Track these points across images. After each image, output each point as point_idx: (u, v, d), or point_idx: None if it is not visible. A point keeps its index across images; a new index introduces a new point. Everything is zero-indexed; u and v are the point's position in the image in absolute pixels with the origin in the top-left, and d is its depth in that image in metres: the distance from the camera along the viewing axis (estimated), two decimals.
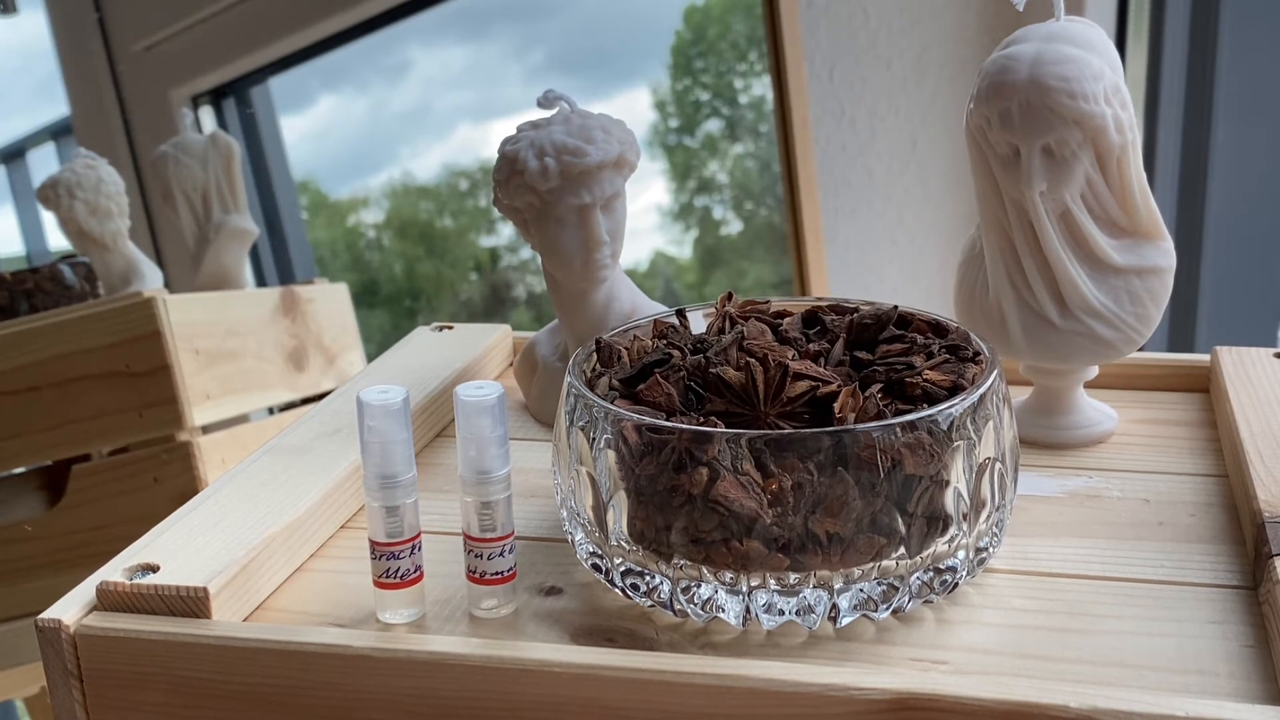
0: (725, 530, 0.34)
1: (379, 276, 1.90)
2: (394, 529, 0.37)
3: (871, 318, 0.41)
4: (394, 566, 0.37)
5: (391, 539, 0.37)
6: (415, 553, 0.37)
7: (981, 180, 0.48)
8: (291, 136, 1.52)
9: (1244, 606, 0.37)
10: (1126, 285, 0.47)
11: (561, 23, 1.59)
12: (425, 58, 1.60)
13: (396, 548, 0.37)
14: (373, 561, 0.37)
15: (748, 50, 1.50)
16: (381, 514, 0.36)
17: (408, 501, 0.37)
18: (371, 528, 0.37)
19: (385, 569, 0.37)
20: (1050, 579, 0.39)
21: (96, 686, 0.37)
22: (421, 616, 0.38)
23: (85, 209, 1.01)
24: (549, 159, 0.50)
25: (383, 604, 0.38)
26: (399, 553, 0.37)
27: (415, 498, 0.37)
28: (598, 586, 0.40)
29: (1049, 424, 0.50)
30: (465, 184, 1.78)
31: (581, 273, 0.52)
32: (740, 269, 1.61)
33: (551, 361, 0.56)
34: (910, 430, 0.34)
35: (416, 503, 0.37)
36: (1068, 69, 0.44)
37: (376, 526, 0.37)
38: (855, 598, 0.35)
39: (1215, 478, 0.46)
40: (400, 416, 0.36)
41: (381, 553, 0.37)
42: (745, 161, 1.59)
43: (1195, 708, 0.29)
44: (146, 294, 0.83)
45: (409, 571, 0.37)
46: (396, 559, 0.37)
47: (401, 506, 0.37)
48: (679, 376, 0.38)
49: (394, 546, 0.37)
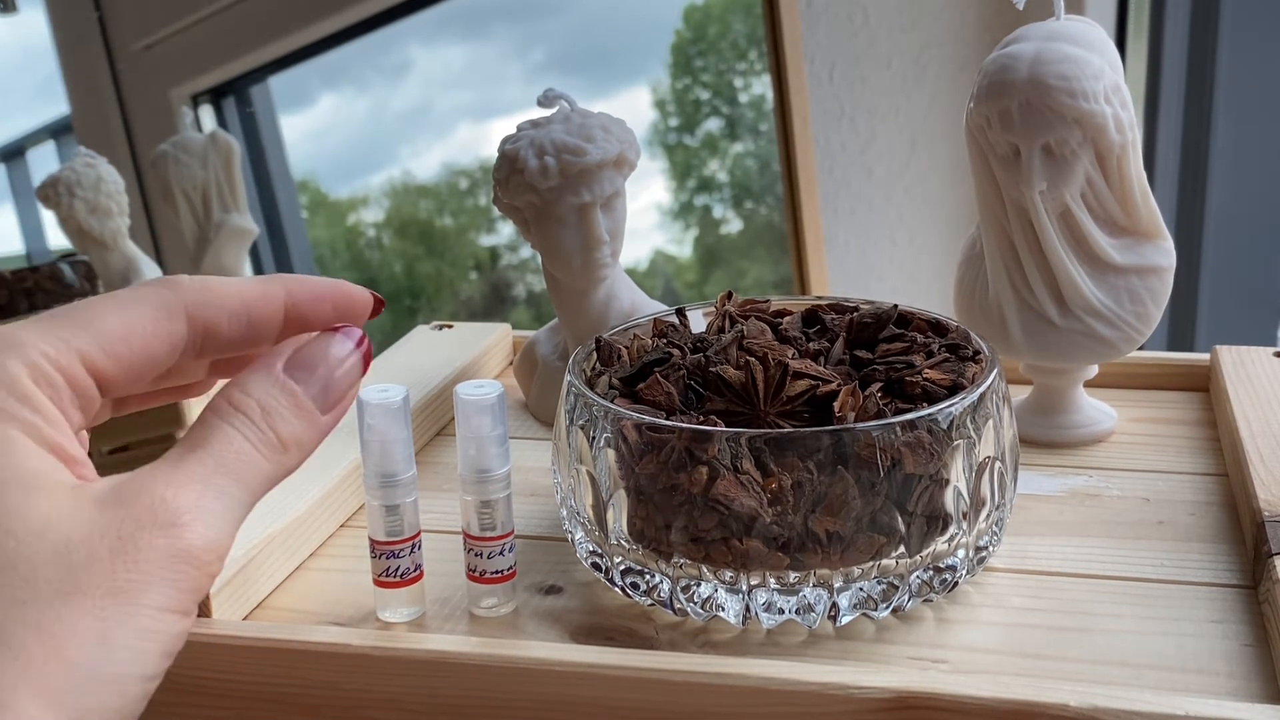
0: (725, 529, 0.34)
1: (379, 275, 1.90)
2: (394, 528, 0.37)
3: (871, 317, 0.41)
4: (394, 565, 0.37)
5: (391, 538, 0.37)
6: (415, 551, 0.37)
7: (981, 180, 0.48)
8: (291, 136, 1.52)
9: (1244, 606, 0.37)
10: (1126, 284, 0.47)
11: (561, 22, 1.59)
12: (425, 57, 1.60)
13: (396, 546, 0.37)
14: (373, 560, 0.37)
15: (748, 50, 1.50)
16: (381, 513, 0.36)
17: (407, 500, 0.37)
18: (371, 526, 0.37)
19: (385, 568, 0.37)
20: (1050, 578, 0.39)
21: None
22: (421, 615, 0.38)
23: (85, 207, 1.01)
24: (549, 158, 0.50)
25: (383, 602, 0.38)
26: (399, 551, 0.37)
27: (415, 496, 0.37)
28: (597, 585, 0.40)
29: (1049, 423, 0.50)
30: (465, 183, 1.78)
31: (581, 272, 0.52)
32: (740, 268, 1.61)
33: (551, 360, 0.56)
34: (910, 429, 0.34)
35: (416, 501, 0.37)
36: (1068, 68, 0.44)
37: (376, 525, 0.37)
38: (855, 596, 0.35)
39: (1215, 477, 0.46)
40: (400, 415, 0.36)
41: (381, 551, 0.37)
42: (745, 161, 1.59)
43: (1195, 707, 0.29)
44: None
45: (409, 570, 0.37)
46: (396, 558, 0.37)
47: (401, 505, 0.37)
48: (679, 375, 0.38)
49: (394, 545, 0.37)
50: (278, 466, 0.31)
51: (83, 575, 0.26)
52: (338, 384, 0.32)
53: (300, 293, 0.33)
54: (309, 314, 0.33)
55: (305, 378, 0.32)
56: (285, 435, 0.31)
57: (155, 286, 0.31)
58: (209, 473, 0.29)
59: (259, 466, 0.30)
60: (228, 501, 0.29)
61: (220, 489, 0.29)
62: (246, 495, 0.30)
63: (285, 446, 0.31)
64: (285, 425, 0.31)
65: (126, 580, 0.27)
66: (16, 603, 0.26)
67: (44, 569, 0.26)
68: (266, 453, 0.30)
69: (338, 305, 0.33)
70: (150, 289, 0.31)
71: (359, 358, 0.33)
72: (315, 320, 0.33)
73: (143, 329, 0.30)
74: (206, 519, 0.28)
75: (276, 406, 0.31)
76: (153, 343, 0.31)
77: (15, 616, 0.25)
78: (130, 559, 0.27)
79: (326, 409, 0.32)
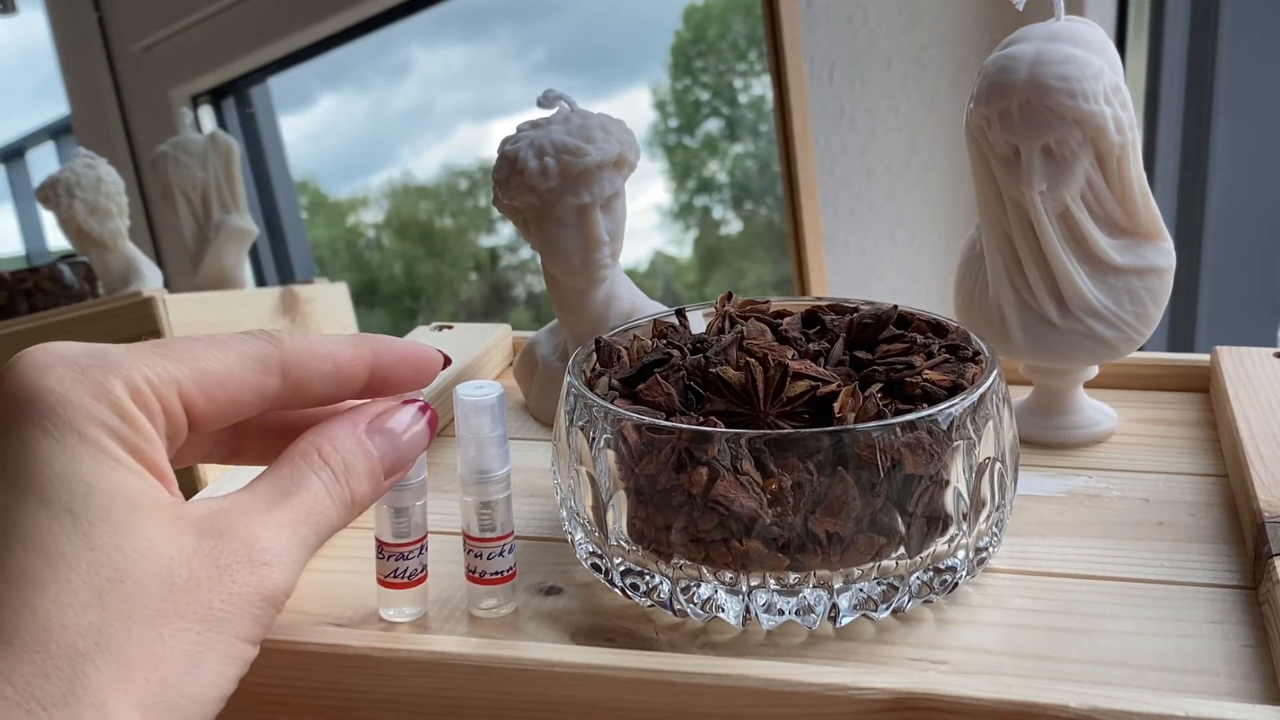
0: (725, 530, 0.34)
1: (379, 276, 1.90)
2: (401, 530, 0.37)
3: (871, 317, 0.41)
4: (402, 567, 0.37)
5: (400, 539, 0.37)
6: (423, 553, 0.37)
7: (981, 180, 0.48)
8: (291, 136, 1.52)
9: (1244, 606, 0.37)
10: (1126, 285, 0.47)
11: (562, 22, 1.59)
12: (426, 57, 1.60)
13: (406, 548, 0.37)
14: (379, 561, 0.37)
15: (747, 50, 1.50)
16: (390, 515, 0.37)
17: (417, 504, 0.37)
18: (379, 528, 0.37)
19: (393, 569, 0.37)
20: (1050, 579, 0.39)
21: None
22: (424, 615, 0.38)
23: (85, 208, 1.01)
24: (549, 159, 0.50)
25: (386, 602, 0.38)
26: (408, 553, 0.37)
27: (425, 500, 0.37)
28: (597, 586, 0.40)
29: (1049, 424, 0.50)
30: (465, 184, 1.78)
31: (581, 272, 0.52)
32: (740, 269, 1.61)
33: (551, 361, 0.56)
34: (910, 430, 0.34)
35: (425, 505, 0.37)
36: (1068, 69, 0.44)
37: (384, 527, 0.37)
38: (855, 597, 0.35)
39: (1215, 478, 0.46)
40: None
41: (390, 553, 0.37)
42: (745, 161, 1.59)
43: (1195, 708, 0.29)
44: (146, 293, 0.83)
45: (416, 571, 0.37)
46: (405, 559, 0.37)
47: (410, 508, 0.37)
48: (679, 376, 0.38)
49: (404, 547, 0.37)
50: (344, 521, 0.33)
51: (182, 598, 0.28)
52: (404, 452, 0.35)
53: (386, 356, 0.35)
54: (391, 376, 0.36)
55: (382, 444, 0.34)
56: (358, 494, 0.33)
57: (259, 339, 0.33)
58: (297, 521, 0.31)
59: (331, 520, 0.33)
60: (305, 550, 0.32)
61: (303, 538, 0.31)
62: (317, 543, 0.32)
63: (355, 504, 0.33)
64: (359, 485, 0.33)
65: (221, 610, 0.29)
66: (124, 617, 0.27)
67: (149, 587, 0.28)
68: (340, 509, 0.33)
69: (417, 368, 0.36)
70: (254, 340, 0.33)
71: (425, 428, 0.36)
72: (396, 381, 0.36)
73: (240, 378, 0.32)
74: (287, 563, 0.31)
75: (356, 466, 0.33)
76: (245, 392, 0.32)
77: (123, 631, 0.27)
78: (225, 590, 0.29)
79: (390, 474, 0.35)
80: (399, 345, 0.36)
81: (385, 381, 0.35)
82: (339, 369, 0.34)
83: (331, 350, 0.34)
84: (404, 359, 0.36)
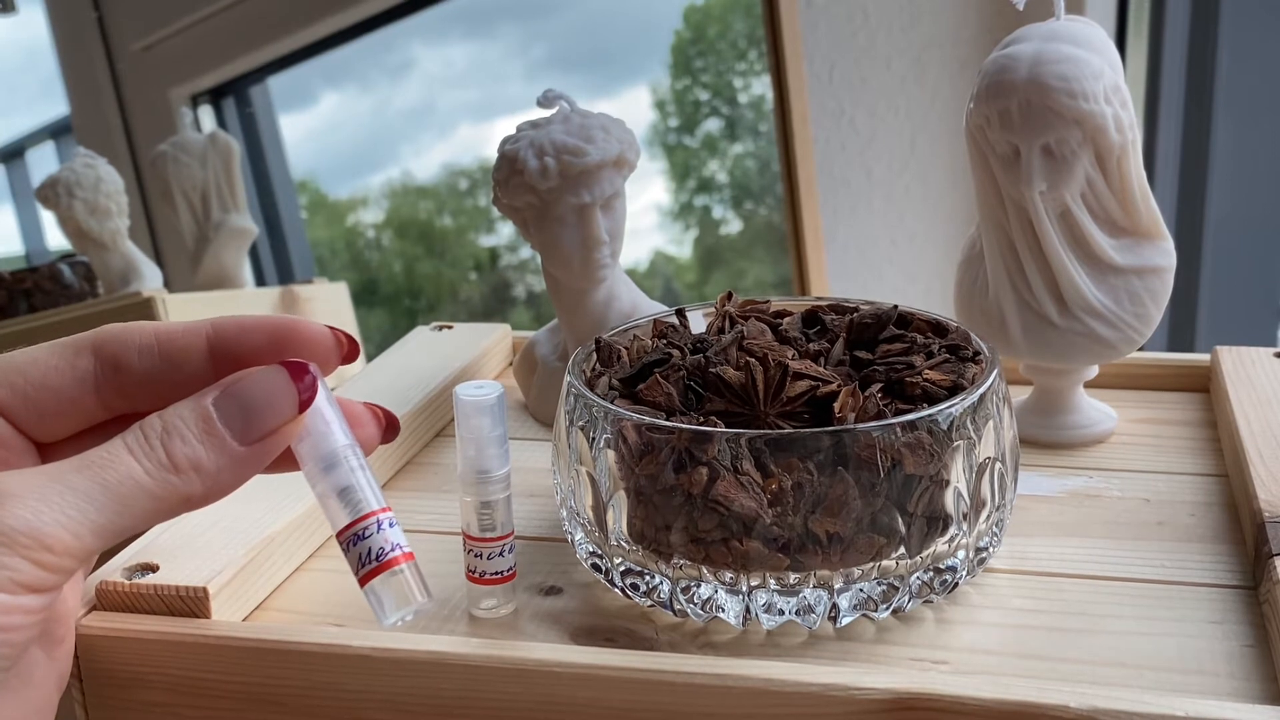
0: (725, 530, 0.34)
1: (378, 276, 1.90)
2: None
3: (871, 317, 0.41)
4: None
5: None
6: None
7: (981, 180, 0.48)
8: (291, 136, 1.52)
9: (1244, 606, 0.37)
10: (1126, 285, 0.47)
11: (562, 22, 1.59)
12: (428, 56, 1.60)
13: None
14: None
15: (747, 50, 1.50)
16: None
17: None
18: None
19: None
20: (1050, 579, 0.39)
21: (96, 686, 0.37)
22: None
23: (84, 208, 1.01)
24: (549, 158, 0.50)
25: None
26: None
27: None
28: (597, 586, 0.40)
29: (1049, 424, 0.50)
30: (465, 183, 1.78)
31: (581, 272, 0.52)
32: (740, 269, 1.61)
33: (551, 361, 0.56)
34: (910, 430, 0.34)
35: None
36: (1067, 68, 0.44)
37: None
38: (855, 597, 0.35)
39: (1215, 477, 0.46)
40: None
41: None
42: (745, 161, 1.59)
43: (1195, 708, 0.29)
44: (146, 293, 0.83)
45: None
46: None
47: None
48: (679, 376, 0.38)
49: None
50: (164, 485, 0.30)
51: None
52: (261, 415, 0.31)
53: (226, 325, 0.33)
54: (237, 347, 0.33)
55: (226, 405, 0.31)
56: (178, 456, 0.30)
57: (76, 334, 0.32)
58: (65, 470, 0.29)
59: (136, 480, 0.30)
60: (76, 498, 0.29)
61: (71, 484, 0.29)
62: (112, 502, 0.29)
63: (176, 467, 0.30)
64: (183, 447, 0.30)
65: None
66: None
67: None
68: (150, 467, 0.30)
69: (275, 337, 0.33)
70: (75, 335, 0.32)
71: (293, 392, 0.32)
72: (248, 354, 0.33)
73: (46, 362, 0.32)
74: (32, 504, 0.28)
75: (181, 428, 0.31)
76: (52, 375, 0.31)
77: None
78: None
79: (247, 439, 0.31)
80: (248, 315, 0.33)
81: (235, 355, 0.33)
82: (160, 340, 0.32)
83: (155, 324, 0.32)
84: (251, 328, 0.33)
